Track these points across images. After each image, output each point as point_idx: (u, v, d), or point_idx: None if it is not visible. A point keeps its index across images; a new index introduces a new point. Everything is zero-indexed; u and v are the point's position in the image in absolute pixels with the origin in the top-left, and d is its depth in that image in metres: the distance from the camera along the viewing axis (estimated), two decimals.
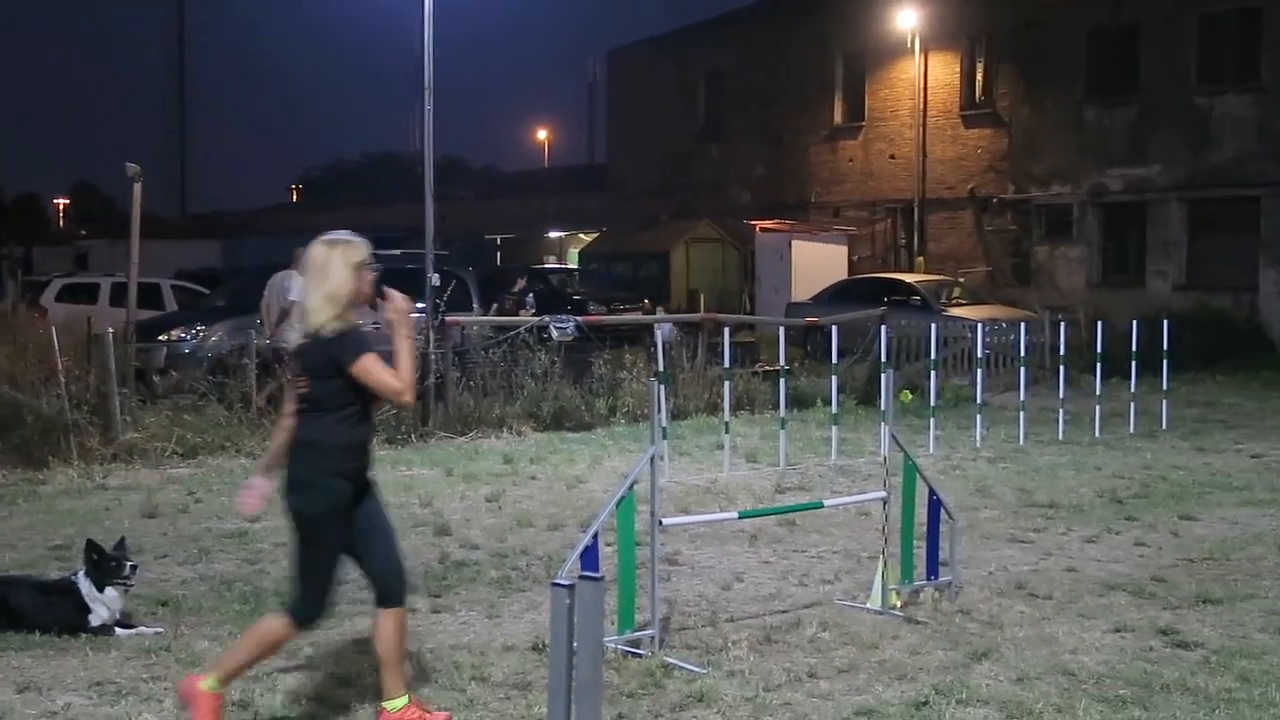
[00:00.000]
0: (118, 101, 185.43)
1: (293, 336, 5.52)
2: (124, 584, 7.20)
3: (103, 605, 7.05)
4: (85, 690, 6.13)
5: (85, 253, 45.53)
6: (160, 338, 17.50)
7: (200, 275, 30.67)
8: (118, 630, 7.01)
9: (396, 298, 5.46)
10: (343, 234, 5.61)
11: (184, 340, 17.68)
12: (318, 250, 5.49)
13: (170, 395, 14.74)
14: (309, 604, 5.53)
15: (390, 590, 5.60)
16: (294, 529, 5.49)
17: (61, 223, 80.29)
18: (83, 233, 60.58)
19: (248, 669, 5.68)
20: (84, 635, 6.94)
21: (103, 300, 23.95)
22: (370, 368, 5.30)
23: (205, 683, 5.45)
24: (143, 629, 7.10)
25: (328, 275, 5.39)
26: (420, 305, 17.22)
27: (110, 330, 14.29)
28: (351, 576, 8.35)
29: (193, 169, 77.43)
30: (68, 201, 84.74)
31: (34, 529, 10.00)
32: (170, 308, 23.67)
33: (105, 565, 7.11)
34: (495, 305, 21.38)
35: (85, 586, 7.07)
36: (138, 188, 15.18)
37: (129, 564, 7.25)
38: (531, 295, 22.62)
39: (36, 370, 13.70)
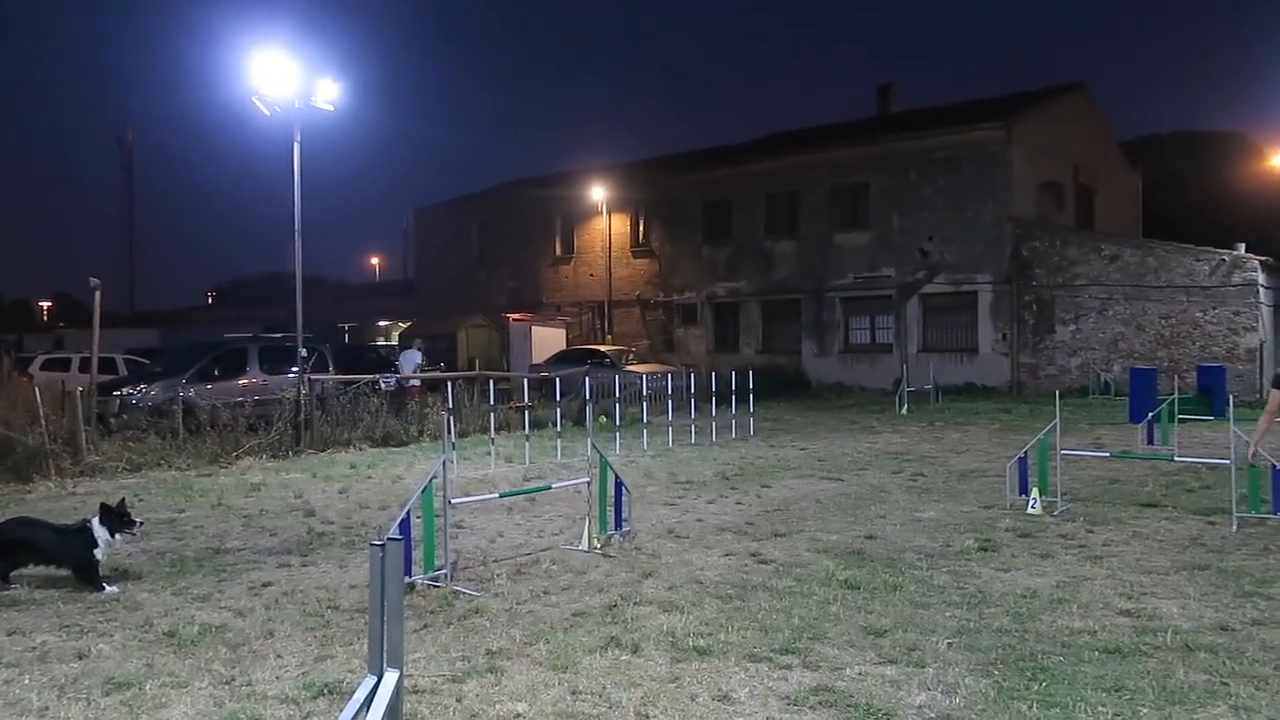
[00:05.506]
0: (86, 224, 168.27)
1: None
2: (130, 533, 6.58)
3: (107, 546, 6.40)
4: (57, 631, 5.54)
5: (62, 338, 41.52)
6: (115, 393, 16.21)
7: (143, 352, 28.43)
8: (106, 587, 6.32)
9: None
10: None
11: (131, 394, 16.37)
12: None
13: (121, 431, 13.83)
14: None
15: None
16: None
17: (46, 318, 73.32)
18: (60, 324, 55.54)
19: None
20: (57, 592, 6.25)
21: (73, 369, 21.89)
22: (1277, 399, 6.16)
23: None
24: (111, 589, 6.36)
25: None
26: (294, 368, 16.55)
27: (79, 389, 13.31)
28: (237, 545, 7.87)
29: (140, 274, 72.08)
30: (51, 304, 77.59)
31: None
32: (122, 374, 21.86)
33: (121, 518, 6.46)
34: (397, 365, 21.46)
35: (100, 531, 6.38)
36: (98, 294, 14.22)
37: (138, 521, 6.66)
38: (421, 359, 22.19)
39: (25, 416, 12.67)
